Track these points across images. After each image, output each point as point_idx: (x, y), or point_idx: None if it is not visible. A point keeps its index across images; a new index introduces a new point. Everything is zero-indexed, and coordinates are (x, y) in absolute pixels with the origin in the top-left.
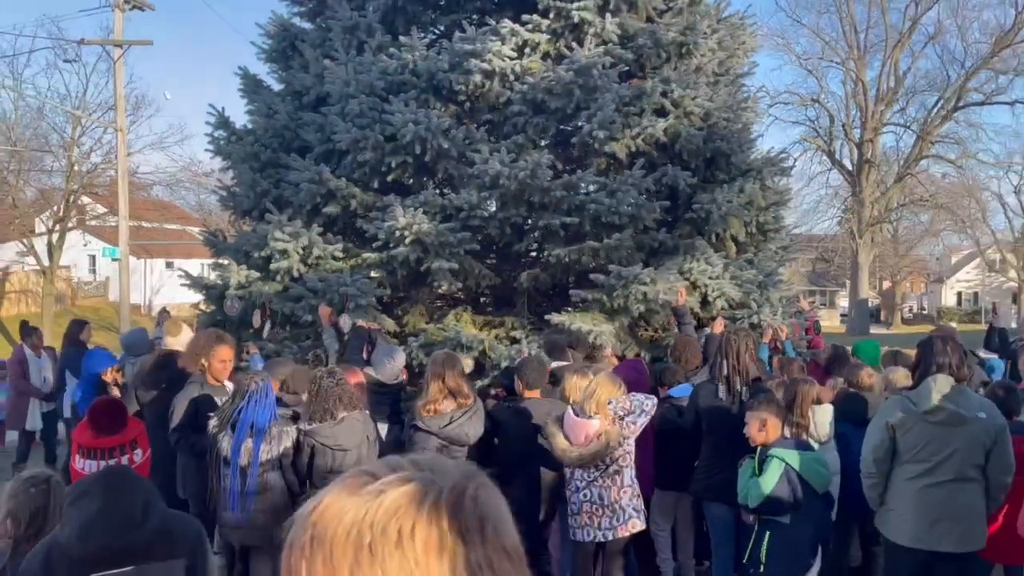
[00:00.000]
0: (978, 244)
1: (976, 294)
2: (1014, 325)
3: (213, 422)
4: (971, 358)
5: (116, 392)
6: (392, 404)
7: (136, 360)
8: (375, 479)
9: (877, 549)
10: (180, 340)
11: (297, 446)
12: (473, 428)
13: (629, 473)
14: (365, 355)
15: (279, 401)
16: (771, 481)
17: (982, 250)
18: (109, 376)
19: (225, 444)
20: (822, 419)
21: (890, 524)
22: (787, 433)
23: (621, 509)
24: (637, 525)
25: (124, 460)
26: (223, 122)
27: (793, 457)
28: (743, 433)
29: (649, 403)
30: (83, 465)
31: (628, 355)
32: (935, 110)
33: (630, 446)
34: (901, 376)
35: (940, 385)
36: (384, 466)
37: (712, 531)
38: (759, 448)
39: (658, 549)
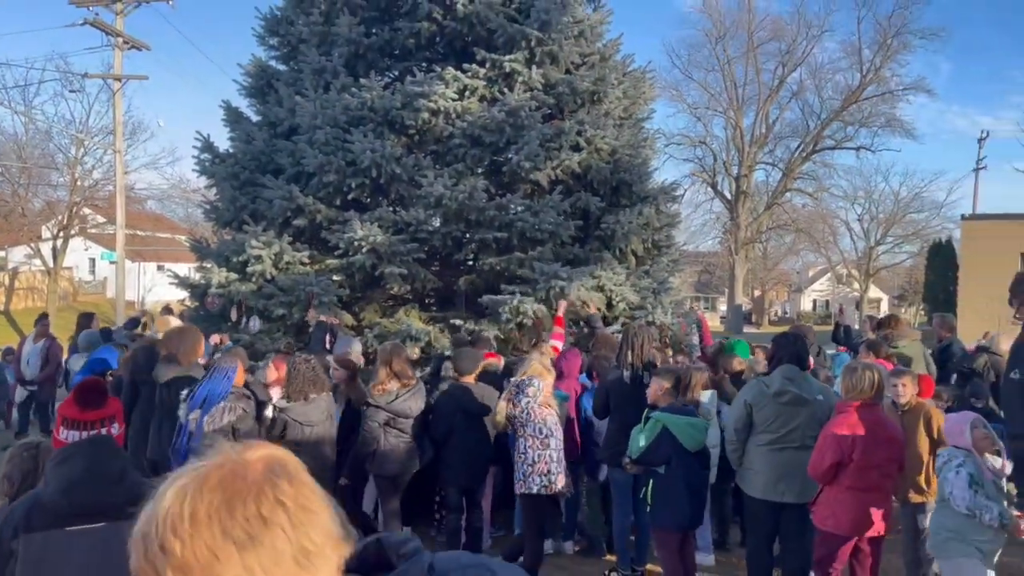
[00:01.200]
0: (830, 261)
1: (828, 301)
2: (857, 326)
3: (184, 393)
4: (823, 354)
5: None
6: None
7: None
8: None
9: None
10: None
11: (273, 421)
12: (415, 403)
13: (553, 442)
14: (328, 345)
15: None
16: (647, 436)
17: (833, 266)
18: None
19: (182, 412)
20: (707, 402)
21: (747, 480)
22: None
23: (548, 471)
24: (561, 482)
25: (103, 432)
26: (208, 146)
27: (670, 419)
28: (643, 411)
29: (531, 388)
30: (66, 435)
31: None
32: (797, 152)
33: (543, 419)
34: (761, 364)
35: (787, 372)
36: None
37: (614, 491)
38: (646, 410)
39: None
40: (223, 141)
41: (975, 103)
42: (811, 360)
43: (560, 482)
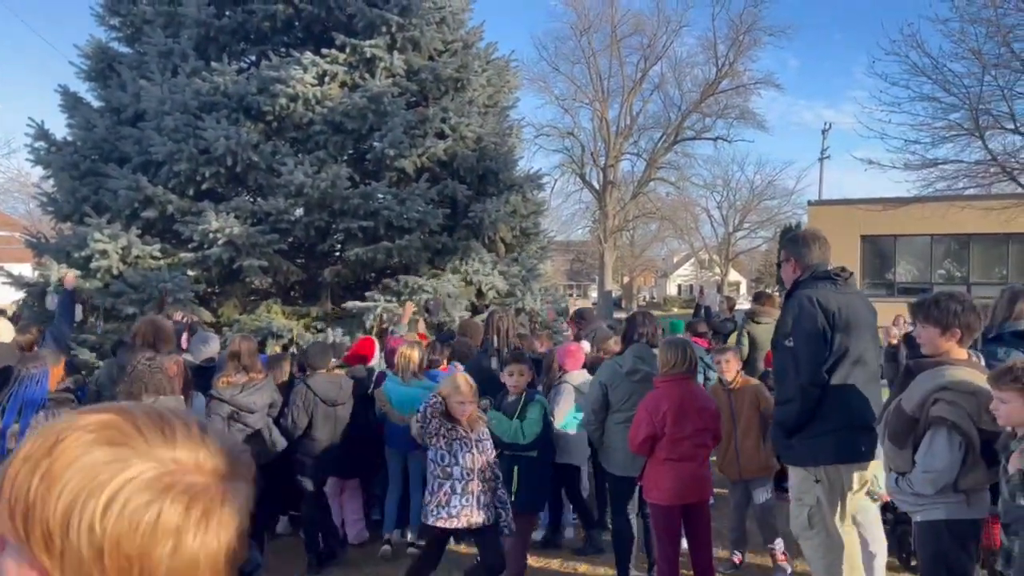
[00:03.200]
0: (692, 247)
1: (692, 286)
2: (716, 308)
3: None
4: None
5: None
6: (207, 383)
7: None
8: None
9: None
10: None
11: None
12: (260, 398)
13: (458, 471)
14: (185, 344)
15: (70, 389)
16: (538, 419)
17: (695, 252)
18: None
19: None
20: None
21: (608, 459)
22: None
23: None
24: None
25: None
26: (43, 134)
27: (545, 403)
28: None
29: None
30: None
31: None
32: (660, 143)
33: (441, 445)
34: (612, 344)
35: (637, 351)
36: None
37: None
38: (522, 395)
39: None
40: (61, 129)
41: (819, 97)
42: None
43: (464, 520)
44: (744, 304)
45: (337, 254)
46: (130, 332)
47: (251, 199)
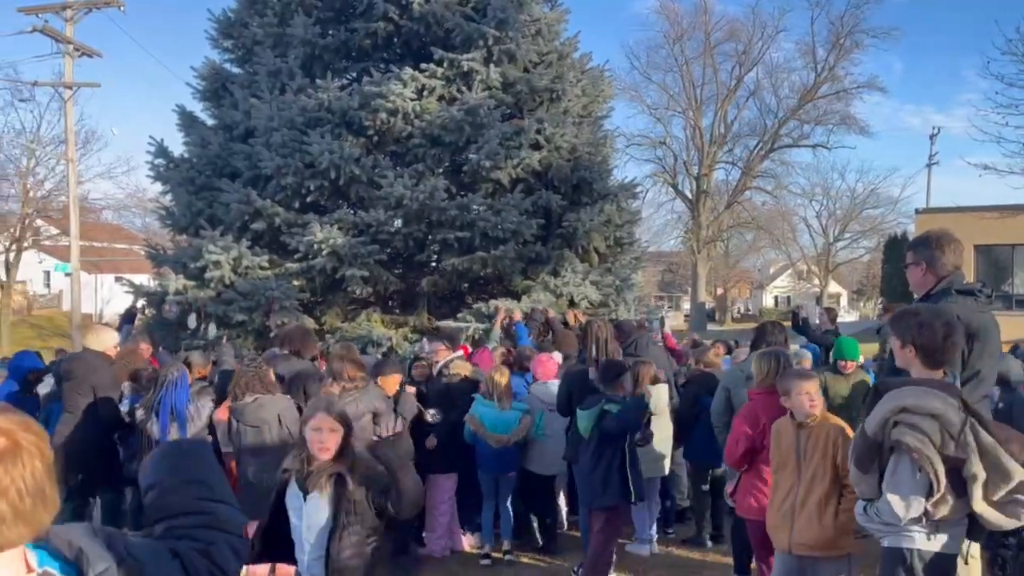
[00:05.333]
0: (790, 258)
1: (789, 297)
2: (817, 321)
3: (140, 412)
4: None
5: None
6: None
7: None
8: None
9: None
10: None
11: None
12: (351, 408)
13: None
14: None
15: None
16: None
17: (793, 263)
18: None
19: (154, 429)
20: (659, 395)
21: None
22: None
23: None
24: None
25: None
26: (162, 151)
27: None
28: None
29: None
30: None
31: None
32: (756, 151)
33: None
34: (712, 356)
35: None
36: None
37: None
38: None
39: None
40: (178, 146)
41: (927, 100)
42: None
43: None
44: (849, 316)
45: (433, 264)
46: (277, 336)
47: (353, 211)
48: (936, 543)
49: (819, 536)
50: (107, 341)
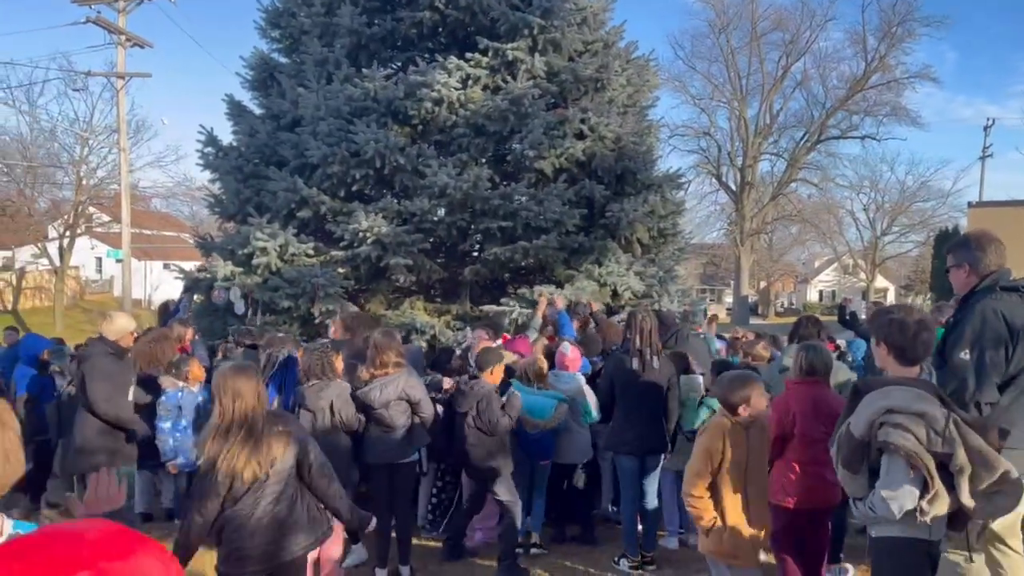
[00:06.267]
0: (835, 251)
1: (834, 292)
2: (863, 317)
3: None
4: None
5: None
6: None
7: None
8: None
9: None
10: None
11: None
12: (378, 394)
13: None
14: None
15: None
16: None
17: (839, 256)
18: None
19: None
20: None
21: None
22: None
23: None
24: None
25: None
26: (212, 140)
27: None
28: (650, 396)
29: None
30: None
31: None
32: (802, 142)
33: None
34: (760, 349)
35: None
36: None
37: (621, 479)
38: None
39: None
40: (226, 135)
41: (981, 91)
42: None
43: None
44: None
45: (476, 254)
46: (337, 319)
47: (397, 200)
48: (923, 531)
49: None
50: (121, 328)
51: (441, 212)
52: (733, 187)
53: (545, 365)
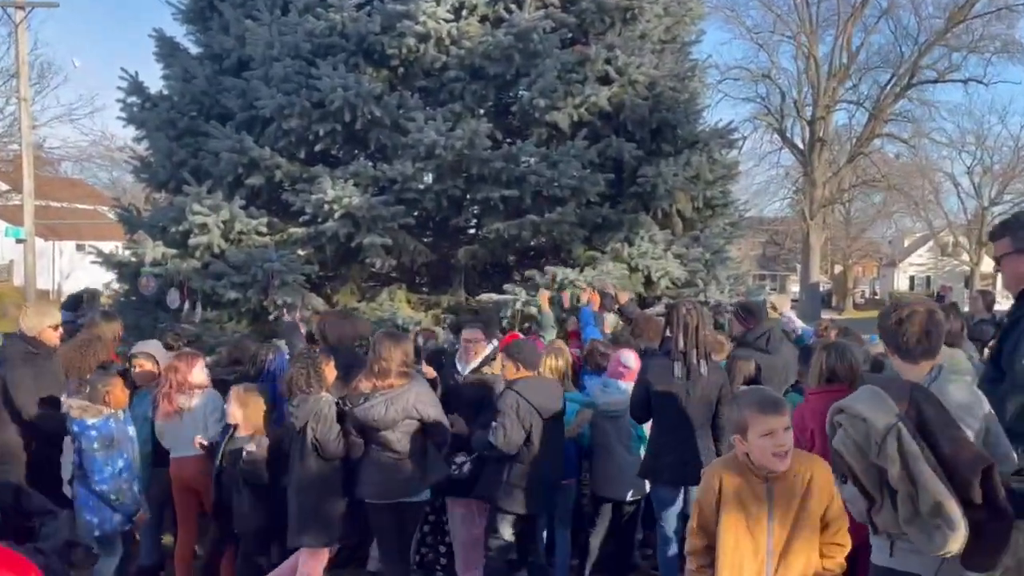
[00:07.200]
0: (931, 226)
1: (928, 278)
2: (966, 309)
3: None
4: None
5: None
6: None
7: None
8: None
9: None
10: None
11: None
12: (379, 412)
13: None
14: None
15: None
16: None
17: (935, 233)
18: None
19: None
20: None
21: None
22: None
23: None
24: None
25: None
26: (137, 87)
27: None
28: (696, 411)
29: None
30: None
31: None
32: (888, 87)
33: None
34: None
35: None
36: None
37: (657, 512)
38: None
39: None
40: (155, 81)
41: None
42: None
43: None
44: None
45: (472, 231)
46: (316, 325)
47: (372, 163)
48: (886, 558)
49: None
50: (45, 320)
51: (428, 178)
52: (800, 145)
53: (569, 359)
